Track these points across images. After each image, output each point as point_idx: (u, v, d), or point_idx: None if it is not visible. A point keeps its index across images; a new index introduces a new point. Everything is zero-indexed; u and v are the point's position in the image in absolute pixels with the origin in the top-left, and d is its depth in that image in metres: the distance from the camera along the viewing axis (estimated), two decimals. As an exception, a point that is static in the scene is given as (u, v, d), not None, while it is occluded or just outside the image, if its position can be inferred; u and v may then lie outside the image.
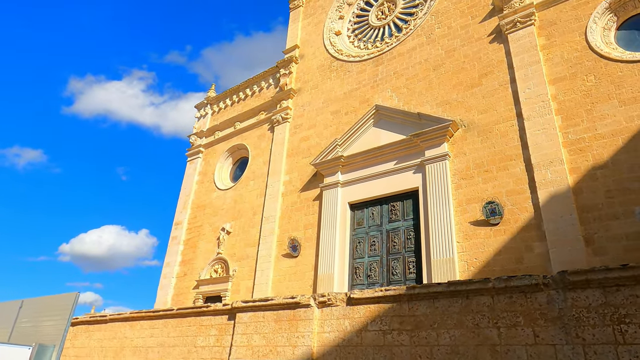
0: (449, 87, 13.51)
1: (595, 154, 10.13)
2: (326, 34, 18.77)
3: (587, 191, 9.92)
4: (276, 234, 15.54)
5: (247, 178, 18.11)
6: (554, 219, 9.95)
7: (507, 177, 11.20)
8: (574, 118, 10.78)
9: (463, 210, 11.57)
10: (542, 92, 11.41)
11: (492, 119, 12.12)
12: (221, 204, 18.45)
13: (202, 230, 18.57)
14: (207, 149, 21.05)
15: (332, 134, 15.84)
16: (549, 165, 10.54)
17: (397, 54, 15.53)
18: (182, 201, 20.24)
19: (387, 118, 14.30)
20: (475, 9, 14.14)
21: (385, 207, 13.40)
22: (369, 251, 13.11)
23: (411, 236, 12.44)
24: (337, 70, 17.28)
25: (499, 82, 12.48)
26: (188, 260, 18.34)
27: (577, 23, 11.79)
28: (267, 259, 15.20)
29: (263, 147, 18.27)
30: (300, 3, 20.96)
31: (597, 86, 10.76)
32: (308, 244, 14.46)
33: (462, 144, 12.41)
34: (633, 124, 9.89)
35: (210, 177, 19.90)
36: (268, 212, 16.19)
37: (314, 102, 17.36)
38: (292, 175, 16.40)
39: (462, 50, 13.77)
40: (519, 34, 12.56)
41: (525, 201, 10.66)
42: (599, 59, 11.01)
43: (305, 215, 15.13)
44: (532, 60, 11.98)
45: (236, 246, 16.76)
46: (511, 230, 10.58)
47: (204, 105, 22.59)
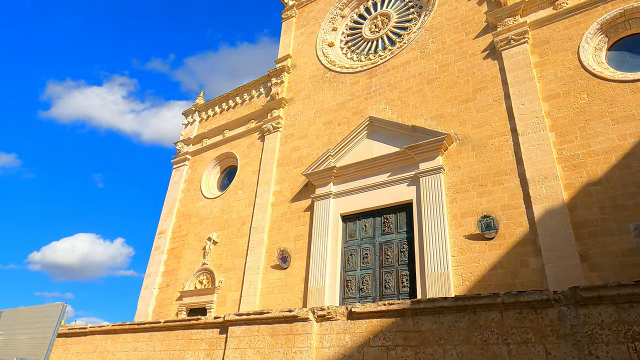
0: (443, 101, 13.57)
1: (590, 171, 10.24)
2: (319, 45, 18.76)
3: (581, 207, 9.99)
4: (265, 244, 15.20)
5: (236, 187, 17.76)
6: (550, 234, 9.97)
7: (502, 191, 11.22)
8: (568, 135, 10.92)
9: (458, 224, 11.52)
10: (537, 109, 11.55)
11: (487, 134, 12.18)
12: (208, 213, 18.00)
13: (187, 240, 18.05)
14: (194, 157, 20.62)
15: (324, 145, 15.70)
16: (543, 181, 10.61)
17: (391, 67, 15.58)
18: (167, 209, 19.69)
19: (380, 130, 14.25)
20: (469, 26, 14.33)
21: (378, 220, 13.26)
22: (362, 264, 12.90)
23: (405, 249, 12.30)
24: (330, 81, 17.23)
25: (493, 98, 12.59)
26: (171, 271, 17.76)
27: (569, 42, 12.04)
28: (256, 271, 14.82)
29: (253, 156, 17.99)
30: (293, 14, 20.95)
31: (590, 104, 10.95)
32: (298, 256, 14.17)
33: (456, 158, 12.42)
34: (626, 142, 10.05)
35: (196, 185, 19.44)
36: (257, 222, 15.85)
37: (305, 112, 17.23)
38: (282, 185, 16.14)
39: (456, 65, 13.90)
40: (513, 51, 12.75)
41: (521, 216, 10.68)
42: (591, 78, 11.23)
43: (295, 226, 14.86)
44: (526, 77, 12.15)
45: (223, 257, 16.32)
46: (506, 245, 10.56)
47: (191, 112, 22.21)
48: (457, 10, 14.95)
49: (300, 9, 21.00)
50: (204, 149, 20.35)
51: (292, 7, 21.12)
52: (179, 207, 19.42)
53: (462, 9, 14.82)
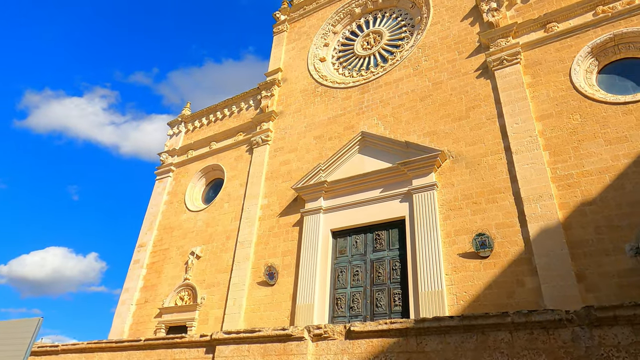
0: (436, 118, 13.56)
1: (584, 190, 10.25)
2: (311, 60, 18.70)
3: (576, 227, 9.94)
4: (251, 260, 14.69)
5: (222, 200, 17.26)
6: (545, 254, 9.85)
7: (496, 209, 11.12)
8: (562, 154, 10.95)
9: (452, 242, 11.32)
10: (530, 128, 11.60)
11: (480, 152, 12.15)
12: (191, 226, 17.40)
13: (168, 254, 17.36)
14: (178, 168, 20.06)
15: (315, 159, 15.45)
16: (538, 200, 10.55)
17: (383, 83, 15.57)
18: (148, 222, 18.98)
19: (373, 145, 14.10)
20: (462, 45, 14.48)
21: (369, 236, 12.97)
22: (352, 281, 12.54)
23: (397, 267, 12.01)
24: (322, 95, 17.11)
25: (486, 116, 12.63)
26: (151, 286, 16.98)
27: (561, 64, 12.23)
28: (241, 287, 14.26)
29: (240, 169, 17.58)
30: (284, 28, 20.93)
31: (582, 125, 11.05)
32: (286, 272, 13.71)
33: (450, 175, 12.32)
34: (619, 163, 10.12)
35: (180, 198, 18.85)
36: (243, 236, 15.35)
37: (296, 126, 17.00)
38: (270, 199, 15.75)
39: (449, 83, 13.96)
40: (506, 71, 12.88)
41: (515, 234, 10.56)
42: (583, 99, 11.37)
43: (283, 241, 14.43)
44: (519, 96, 12.25)
45: (206, 272, 15.70)
46: (501, 264, 10.39)
47: (177, 123, 21.73)
48: (450, 30, 15.12)
49: (291, 24, 21.01)
50: (189, 160, 19.83)
51: (283, 21, 21.12)
52: (161, 220, 18.74)
53: (455, 29, 15.00)
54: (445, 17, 15.57)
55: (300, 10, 21.07)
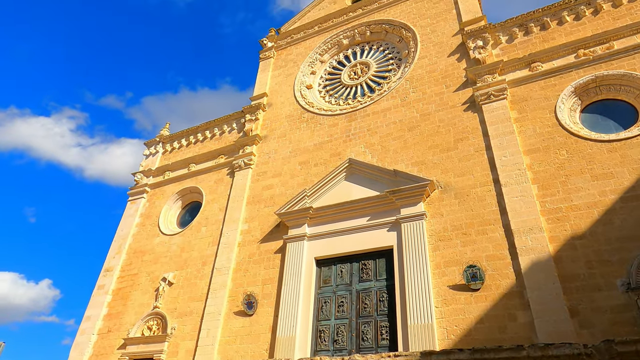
0: (424, 148, 13.57)
1: (573, 224, 10.29)
2: (297, 86, 18.66)
3: (567, 260, 9.89)
4: (228, 287, 13.89)
5: (199, 224, 16.49)
6: (537, 287, 9.70)
7: (486, 241, 10.99)
8: (550, 188, 11.05)
9: (441, 273, 11.05)
10: (518, 161, 11.72)
11: (469, 183, 12.14)
12: (164, 251, 16.45)
13: (137, 280, 16.26)
14: (153, 189, 19.20)
15: (300, 185, 15.09)
16: (528, 232, 10.51)
17: (371, 112, 15.60)
18: (117, 245, 17.86)
19: (360, 173, 13.91)
20: (449, 79, 14.78)
21: (355, 265, 12.54)
22: (337, 313, 11.96)
23: (384, 298, 11.57)
24: (308, 121, 16.97)
25: (474, 148, 12.72)
26: (116, 314, 15.74)
27: (546, 102, 12.58)
28: (216, 317, 13.38)
29: (220, 192, 16.96)
30: (271, 55, 20.98)
31: (569, 160, 11.25)
32: (266, 302, 12.99)
33: (439, 205, 12.20)
34: (606, 198, 10.27)
35: (154, 220, 17.92)
36: (221, 262, 14.58)
37: (280, 151, 16.69)
38: (251, 224, 15.15)
39: (437, 115, 14.11)
40: (493, 106, 13.14)
41: (506, 267, 10.41)
42: (569, 136, 11.65)
43: (264, 268, 13.77)
44: (507, 130, 12.45)
45: (178, 300, 14.72)
46: (493, 297, 10.15)
47: (155, 143, 21.00)
48: (437, 65, 15.46)
49: (278, 51, 21.09)
50: (165, 181, 19.04)
51: (270, 48, 21.18)
52: (132, 243, 17.67)
53: (442, 64, 15.35)
54: (433, 52, 15.96)
55: (287, 38, 21.24)
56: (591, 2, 13.82)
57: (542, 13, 14.39)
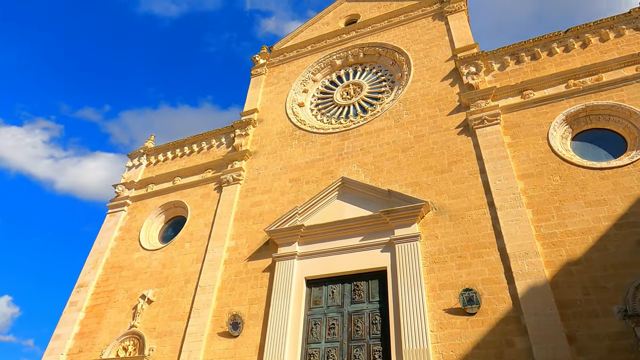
0: (418, 170, 13.54)
1: (569, 250, 10.31)
2: (289, 104, 18.57)
3: (564, 286, 9.85)
4: (213, 307, 13.29)
5: (183, 239, 15.88)
6: (534, 313, 9.59)
7: (482, 264, 10.89)
8: (545, 213, 11.11)
9: (436, 296, 10.84)
10: (513, 186, 11.79)
11: (464, 205, 12.11)
12: (145, 267, 15.72)
13: (114, 296, 15.41)
14: (135, 202, 18.49)
15: (290, 202, 14.79)
16: (524, 257, 10.46)
17: (364, 132, 15.57)
18: (93, 259, 16.99)
19: (353, 192, 13.74)
20: (443, 103, 14.95)
21: (347, 286, 12.21)
22: (327, 335, 11.54)
23: (377, 321, 11.24)
24: (300, 139, 16.80)
25: (468, 171, 12.77)
26: (88, 333, 14.81)
27: (539, 128, 12.81)
28: (198, 337, 12.72)
29: (206, 207, 16.45)
30: (263, 71, 20.92)
31: (563, 186, 11.38)
32: (252, 322, 12.45)
33: (433, 227, 12.09)
34: (600, 225, 10.36)
35: (134, 234, 17.18)
36: (205, 280, 13.99)
37: (271, 167, 16.40)
38: (239, 241, 14.67)
39: (431, 137, 14.17)
40: (487, 130, 13.29)
41: (503, 291, 10.29)
42: (562, 162, 11.82)
43: (251, 287, 13.27)
44: (501, 155, 12.56)
45: (158, 319, 13.97)
46: (489, 322, 9.98)
47: (139, 154, 20.39)
48: (431, 88, 15.65)
49: (270, 68, 21.06)
50: (148, 194, 18.40)
51: (262, 65, 21.14)
52: (109, 258, 16.85)
53: (436, 88, 15.55)
54: (426, 75, 16.18)
55: (280, 56, 21.27)
56: (579, 36, 14.35)
57: (532, 44, 14.84)
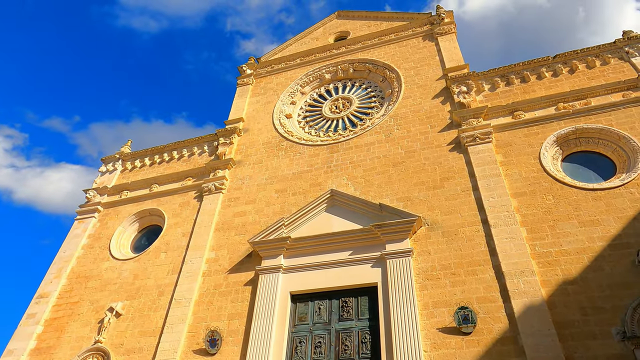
0: (410, 185, 13.28)
1: (564, 269, 10.13)
2: (276, 114, 18.16)
3: (560, 306, 9.60)
4: (188, 322, 12.35)
5: (158, 249, 14.91)
6: (532, 333, 9.26)
7: (476, 282, 10.55)
8: (539, 232, 10.96)
9: (430, 314, 10.38)
10: (506, 203, 11.65)
11: (457, 222, 11.86)
12: (114, 277, 14.60)
13: (77, 309, 14.18)
14: (107, 209, 17.39)
15: (275, 213, 14.18)
16: (520, 275, 10.21)
17: (354, 145, 15.28)
18: (56, 268, 15.70)
19: (342, 205, 13.29)
20: (434, 120, 14.89)
21: (335, 303, 11.60)
22: (313, 354, 10.82)
23: (367, 340, 10.64)
24: (287, 150, 16.33)
25: (461, 188, 12.59)
26: (46, 349, 13.48)
27: (530, 148, 12.84)
28: (171, 355, 11.72)
29: (185, 217, 15.59)
30: (250, 82, 20.53)
31: (556, 205, 11.31)
32: (232, 339, 11.59)
33: (425, 243, 11.74)
34: (595, 245, 10.27)
35: (104, 243, 16.05)
36: (181, 293, 13.06)
37: (255, 177, 15.80)
38: (219, 252, 13.87)
39: (422, 153, 14.01)
40: (479, 148, 13.23)
41: (498, 310, 9.94)
42: (554, 182, 11.81)
43: (231, 302, 12.44)
44: (493, 172, 12.46)
45: (127, 334, 12.87)
46: (485, 342, 9.57)
47: (113, 159, 19.37)
48: (421, 105, 15.61)
49: (257, 79, 20.70)
50: (122, 201, 17.35)
51: (249, 75, 20.78)
52: (75, 267, 15.61)
53: (427, 105, 15.52)
54: (417, 93, 16.17)
55: (267, 67, 20.98)
56: (567, 62, 14.71)
57: (522, 67, 15.10)
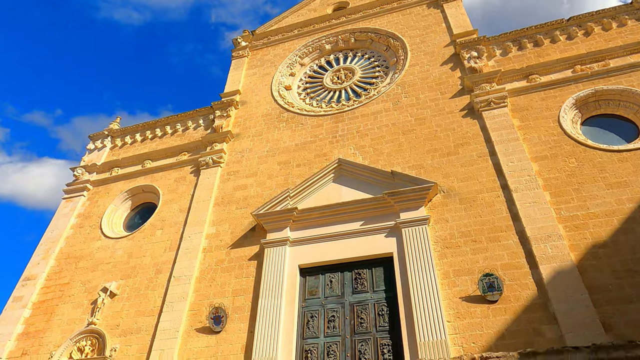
0: (422, 152, 12.57)
1: (593, 232, 9.55)
2: (275, 86, 17.25)
3: (592, 270, 9.03)
4: (190, 300, 11.54)
5: (153, 226, 14.00)
6: (564, 299, 8.67)
7: (499, 249, 9.93)
8: (563, 195, 10.37)
9: (451, 283, 9.74)
10: (527, 167, 11.02)
11: (475, 188, 11.20)
12: (107, 257, 13.67)
13: (68, 290, 13.24)
14: (97, 187, 16.37)
15: (279, 186, 13.37)
16: (547, 240, 9.60)
17: (360, 115, 14.49)
18: (44, 249, 14.70)
19: (350, 175, 12.54)
20: (444, 86, 14.17)
21: (347, 275, 10.89)
22: (326, 329, 10.12)
23: (384, 312, 9.97)
24: (288, 121, 15.48)
25: (477, 154, 11.93)
26: (34, 333, 12.55)
27: (548, 112, 12.21)
28: (172, 334, 10.92)
29: (181, 192, 14.68)
30: (245, 54, 19.52)
31: (580, 168, 10.72)
32: (237, 316, 10.82)
33: (442, 210, 11.07)
34: (625, 207, 9.71)
35: (95, 222, 15.07)
36: (180, 270, 12.22)
37: (256, 150, 14.93)
38: (220, 227, 13.03)
39: (433, 119, 13.30)
40: (494, 113, 12.57)
41: (525, 277, 9.34)
42: (576, 145, 11.21)
43: (236, 277, 11.65)
44: (511, 137, 11.82)
45: (122, 314, 12.01)
46: (513, 310, 8.97)
47: (102, 136, 18.28)
48: (430, 72, 14.87)
49: (253, 51, 19.71)
50: (113, 178, 16.34)
51: (244, 47, 19.76)
52: (64, 247, 14.62)
53: (435, 72, 14.78)
54: (424, 60, 15.41)
55: (263, 39, 19.99)
56: (582, 25, 14.07)
57: (535, 30, 14.43)
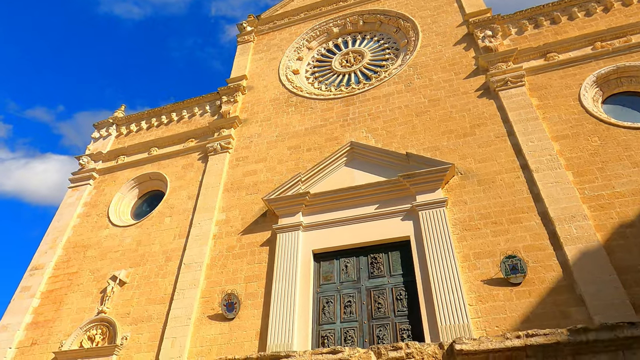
0: (437, 134, 12.21)
1: (620, 212, 9.20)
2: (282, 70, 16.85)
3: (620, 251, 8.70)
4: (201, 287, 11.30)
5: (162, 214, 13.73)
6: (592, 281, 8.36)
7: (521, 230, 9.60)
8: (587, 175, 10.01)
9: (471, 266, 9.44)
10: (548, 147, 10.65)
11: (494, 169, 10.85)
12: (115, 245, 13.43)
13: (77, 279, 13.03)
14: (103, 175, 16.10)
15: (289, 171, 13.05)
16: (571, 220, 9.26)
17: (371, 97, 14.11)
18: (51, 238, 14.47)
19: (362, 158, 12.21)
20: (458, 67, 13.75)
21: (363, 260, 10.60)
22: (343, 315, 9.86)
23: (402, 296, 9.69)
24: (297, 105, 15.11)
25: (494, 134, 11.56)
26: (44, 322, 12.36)
27: (568, 90, 11.81)
28: (184, 322, 10.68)
29: (189, 179, 14.39)
30: (251, 39, 19.11)
31: (603, 147, 10.34)
32: (250, 302, 10.57)
33: (460, 192, 10.73)
34: (652, 185, 9.35)
35: (102, 210, 14.82)
36: (191, 257, 11.97)
37: (265, 135, 14.60)
38: (230, 213, 12.75)
39: (447, 100, 12.91)
40: (511, 92, 12.17)
41: (549, 258, 9.02)
42: (599, 123, 10.82)
43: (248, 264, 11.39)
44: (530, 116, 11.44)
45: (133, 302, 11.78)
46: (538, 292, 8.66)
47: (107, 124, 17.97)
48: (442, 53, 14.44)
49: (259, 36, 19.28)
50: (119, 166, 16.06)
51: (250, 32, 19.33)
52: (71, 237, 14.39)
53: (448, 52, 14.35)
54: (436, 41, 14.97)
55: (269, 23, 19.54)
56: (600, 1, 13.58)
57: (551, 8, 13.95)
